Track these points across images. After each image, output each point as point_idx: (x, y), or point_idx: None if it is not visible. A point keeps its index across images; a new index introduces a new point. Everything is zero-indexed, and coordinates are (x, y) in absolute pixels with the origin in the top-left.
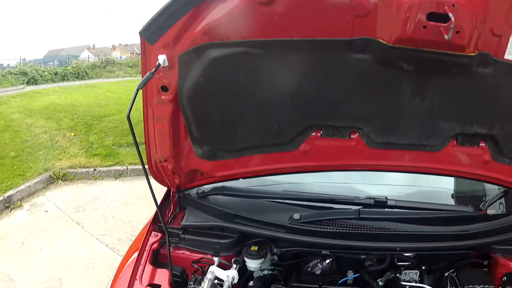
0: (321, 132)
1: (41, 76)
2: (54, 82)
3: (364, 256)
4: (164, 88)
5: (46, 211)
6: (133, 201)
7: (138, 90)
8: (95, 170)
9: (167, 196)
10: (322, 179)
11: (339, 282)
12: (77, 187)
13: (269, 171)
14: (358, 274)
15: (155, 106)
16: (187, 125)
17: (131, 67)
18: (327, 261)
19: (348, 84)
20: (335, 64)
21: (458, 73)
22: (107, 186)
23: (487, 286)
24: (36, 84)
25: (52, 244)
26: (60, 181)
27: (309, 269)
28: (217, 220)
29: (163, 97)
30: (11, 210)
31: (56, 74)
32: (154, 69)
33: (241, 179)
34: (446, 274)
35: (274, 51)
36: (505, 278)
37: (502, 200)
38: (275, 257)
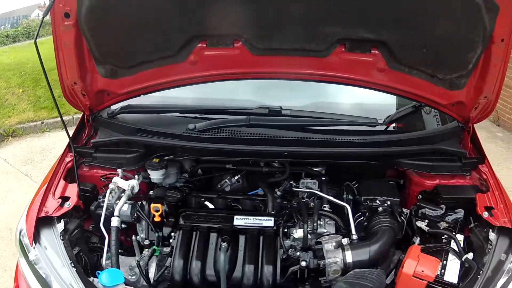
0: (206, 42)
1: None
2: (6, 44)
3: (267, 169)
4: (67, 15)
5: None
6: None
7: (43, 17)
8: (42, 123)
9: (83, 121)
10: (227, 94)
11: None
12: (26, 141)
13: (165, 84)
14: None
15: (62, 33)
16: (89, 47)
17: None
18: (236, 177)
19: None
20: None
21: None
22: (54, 137)
23: (392, 198)
24: None
25: (3, 197)
26: (10, 138)
27: (219, 186)
28: (122, 136)
29: (66, 23)
30: None
31: (7, 36)
32: None
33: (142, 96)
34: (345, 184)
35: None
36: (420, 196)
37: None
38: (186, 175)
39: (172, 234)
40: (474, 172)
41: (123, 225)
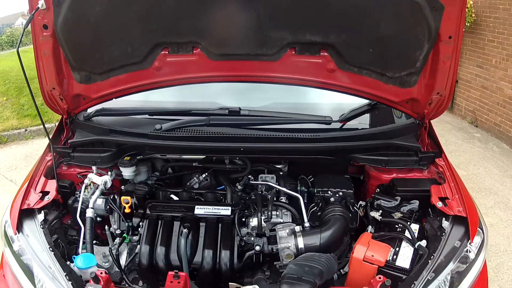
0: (168, 49)
1: None
2: None
3: (230, 166)
4: (45, 26)
5: None
6: None
7: (24, 29)
8: (26, 130)
9: (61, 124)
10: (192, 97)
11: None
12: (10, 148)
13: (133, 88)
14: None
15: (41, 43)
16: (65, 55)
17: None
18: (203, 175)
19: (182, 2)
20: None
21: None
22: (37, 144)
23: (345, 190)
24: None
25: None
26: None
27: (189, 184)
28: (97, 136)
29: (44, 34)
30: None
31: None
32: (34, 11)
33: (114, 99)
34: (300, 176)
35: None
36: (378, 190)
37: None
38: (157, 173)
39: (141, 223)
40: (432, 166)
41: (98, 218)
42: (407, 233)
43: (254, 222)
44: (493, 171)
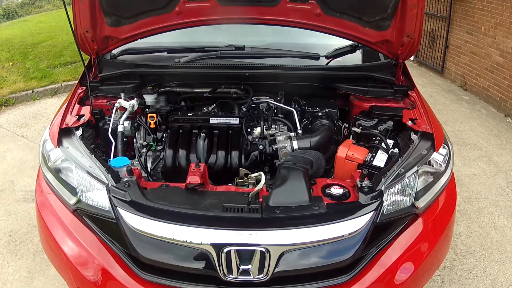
0: None
1: None
2: None
3: (235, 95)
4: None
5: None
6: None
7: None
8: (33, 91)
9: (90, 64)
10: (204, 37)
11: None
12: (18, 109)
13: (156, 30)
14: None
15: None
16: (99, 2)
17: None
18: (212, 106)
19: None
20: None
21: None
22: (45, 104)
23: (331, 109)
24: None
25: (2, 157)
26: (3, 107)
27: (200, 113)
28: (123, 69)
29: None
30: None
31: None
32: None
33: (139, 40)
34: (294, 98)
35: None
36: (360, 115)
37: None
38: (173, 104)
39: (164, 135)
40: (407, 99)
41: (124, 139)
42: (383, 145)
43: (257, 130)
44: (478, 129)
